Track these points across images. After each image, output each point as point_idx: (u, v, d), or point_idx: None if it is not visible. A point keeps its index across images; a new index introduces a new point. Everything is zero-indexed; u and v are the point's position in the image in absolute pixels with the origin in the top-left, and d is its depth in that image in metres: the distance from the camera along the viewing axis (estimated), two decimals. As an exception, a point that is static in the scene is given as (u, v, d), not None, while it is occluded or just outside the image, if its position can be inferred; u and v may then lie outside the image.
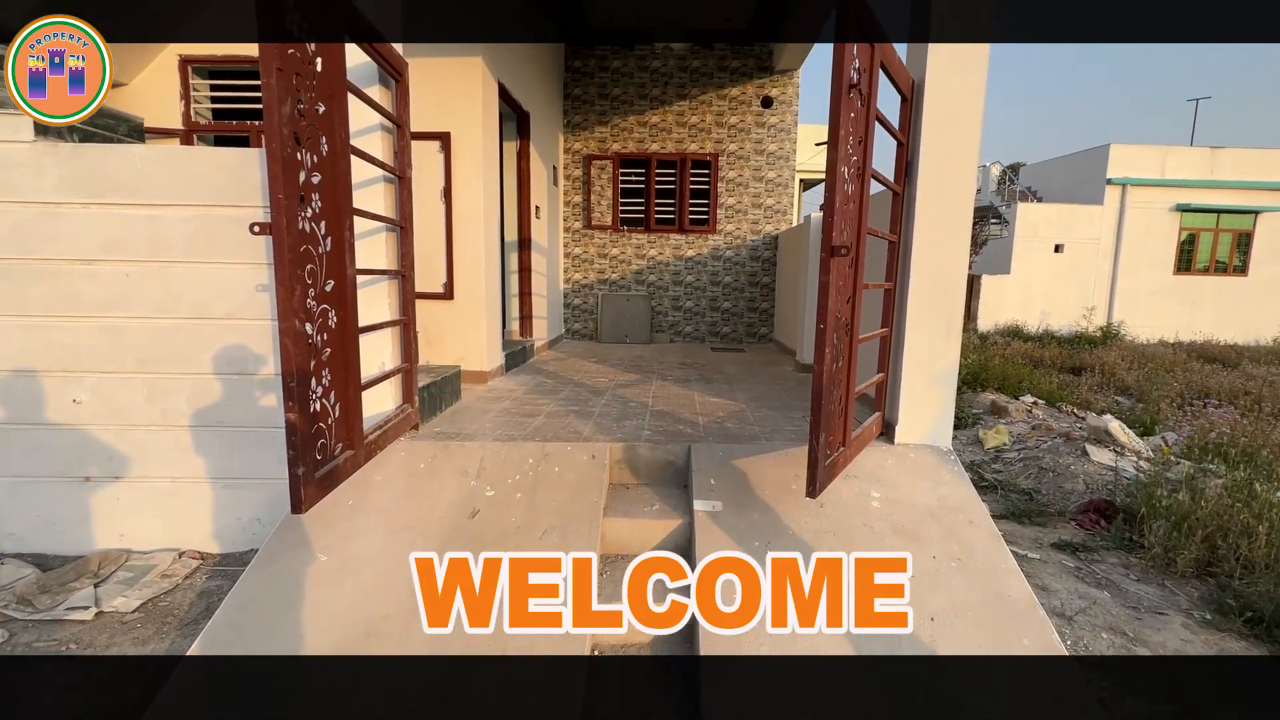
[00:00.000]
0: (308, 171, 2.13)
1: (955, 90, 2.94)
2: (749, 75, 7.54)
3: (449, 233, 4.53)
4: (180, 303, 2.88)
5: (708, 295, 7.96)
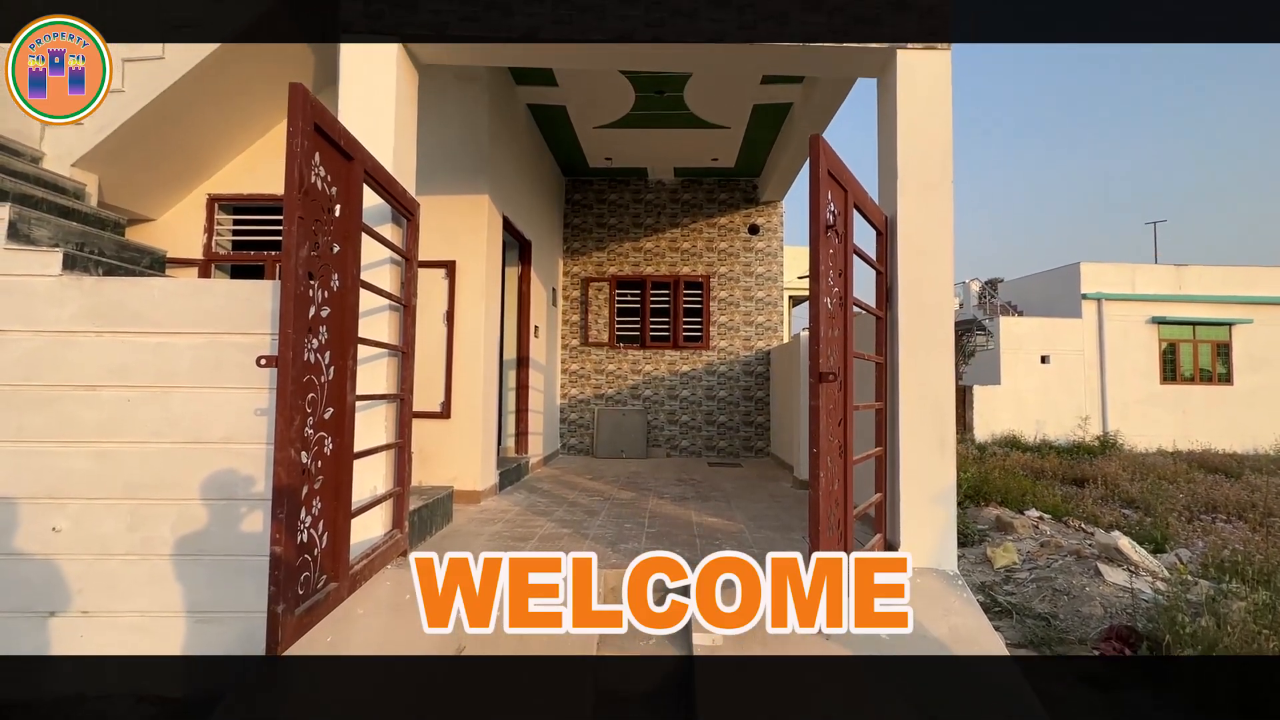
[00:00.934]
0: (318, 306, 2.24)
1: (925, 224, 3.18)
2: (736, 205, 8.13)
3: (449, 354, 4.65)
4: (177, 427, 2.90)
5: (703, 409, 8.02)
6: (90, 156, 4.07)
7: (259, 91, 4.55)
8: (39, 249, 2.94)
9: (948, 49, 3.20)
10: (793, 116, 6.13)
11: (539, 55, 3.39)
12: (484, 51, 3.33)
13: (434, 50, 3.29)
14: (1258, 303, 14.92)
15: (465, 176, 4.76)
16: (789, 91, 5.69)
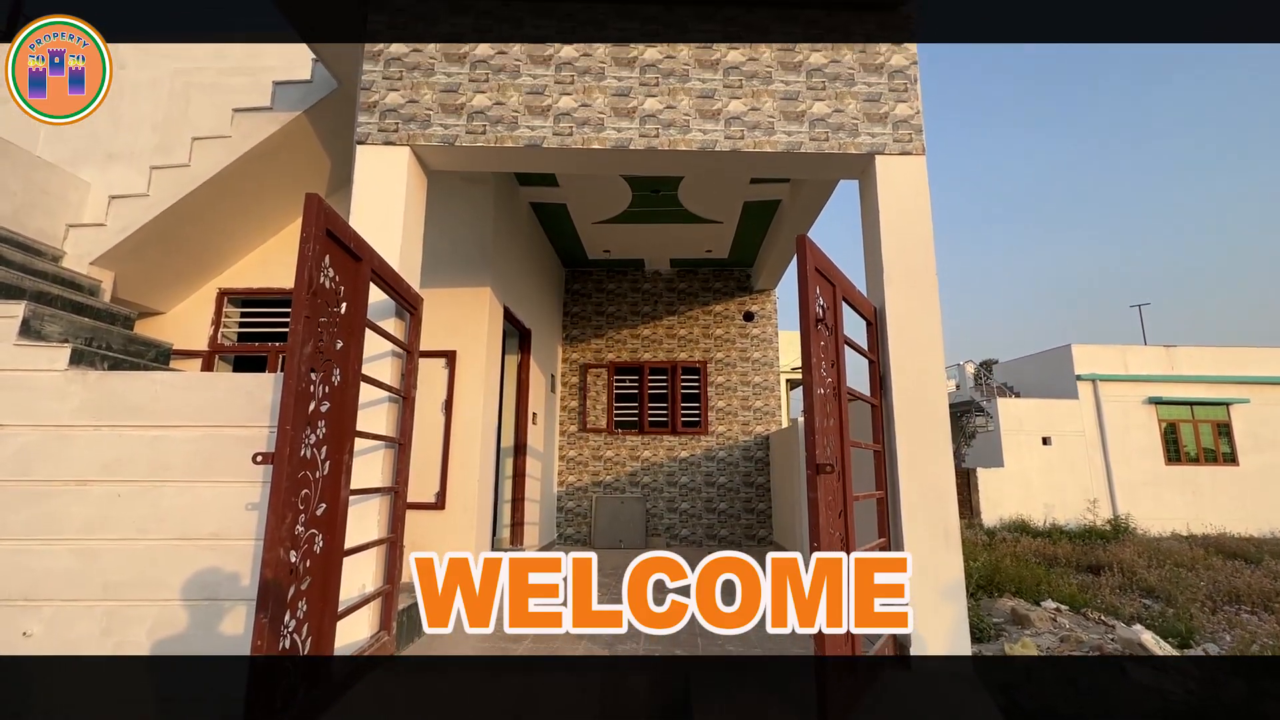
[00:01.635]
0: (318, 401, 2.27)
1: (913, 314, 3.28)
2: (731, 294, 8.38)
3: (446, 443, 4.63)
4: (165, 522, 2.84)
5: (703, 496, 7.87)
6: (109, 255, 4.25)
7: (276, 193, 4.82)
8: (48, 344, 3.00)
9: (922, 156, 3.43)
10: (782, 212, 6.46)
11: (541, 162, 3.63)
12: (490, 159, 3.57)
13: (443, 158, 3.53)
14: (1254, 382, 15.04)
15: (469, 270, 4.94)
16: (777, 190, 6.03)
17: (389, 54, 3.47)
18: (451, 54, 3.48)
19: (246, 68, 4.98)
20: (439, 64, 3.46)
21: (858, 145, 3.44)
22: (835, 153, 3.45)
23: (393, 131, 3.39)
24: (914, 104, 3.51)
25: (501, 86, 3.45)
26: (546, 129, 3.41)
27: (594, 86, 3.48)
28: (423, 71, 3.45)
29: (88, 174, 4.77)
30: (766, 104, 3.49)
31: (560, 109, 3.44)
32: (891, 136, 3.45)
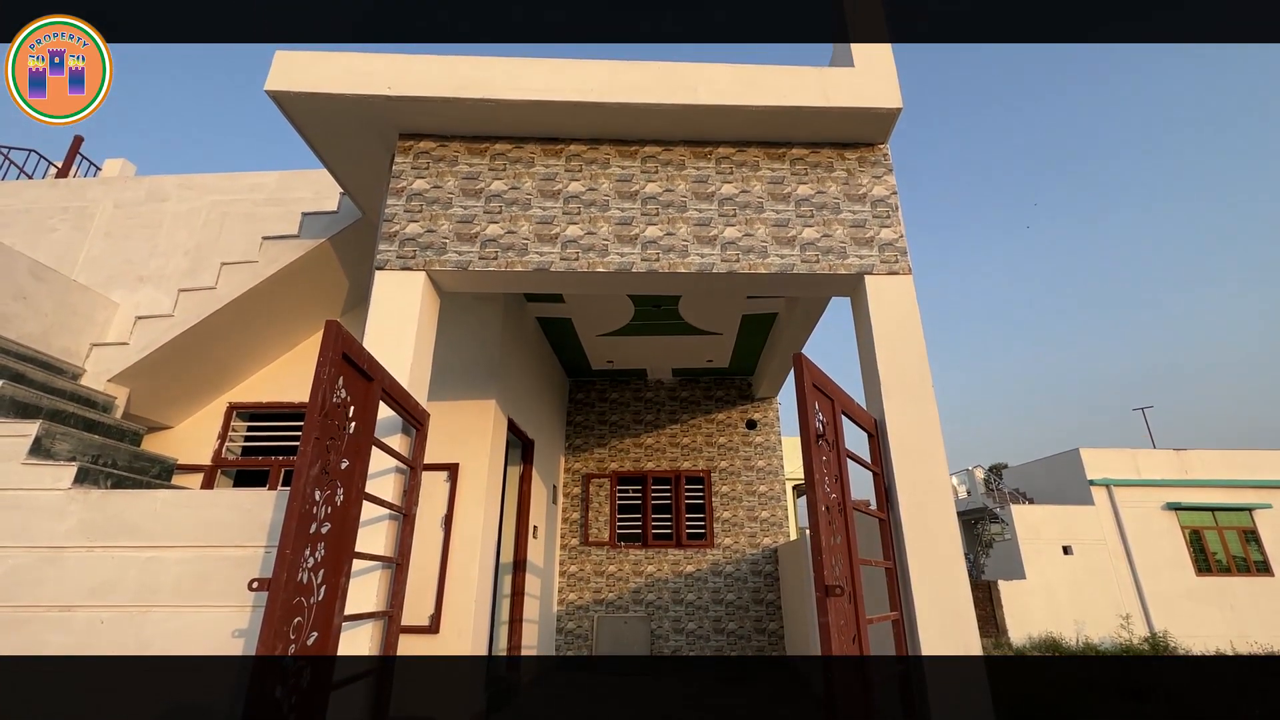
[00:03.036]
0: (319, 522, 2.25)
1: (913, 426, 3.31)
2: (733, 402, 8.46)
3: (444, 561, 4.49)
4: (147, 650, 2.71)
5: (710, 615, 7.46)
6: (127, 372, 4.38)
7: (294, 311, 5.04)
8: (56, 463, 3.02)
9: (908, 275, 3.63)
10: (779, 323, 6.68)
11: (549, 284, 3.83)
12: (500, 281, 3.77)
13: (457, 281, 3.74)
14: (1275, 486, 14.66)
15: (476, 383, 5.05)
16: (774, 304, 6.29)
17: (411, 190, 3.79)
18: (469, 189, 3.79)
19: (279, 199, 5.42)
20: (456, 198, 3.77)
21: (847, 266, 3.65)
22: (826, 273, 3.65)
23: (410, 258, 3.62)
24: (897, 228, 3.76)
25: (514, 218, 3.73)
26: (554, 254, 3.65)
27: (599, 216, 3.76)
28: (441, 205, 3.75)
29: (118, 295, 5.03)
30: (759, 230, 3.74)
31: (568, 236, 3.70)
32: (878, 258, 3.67)
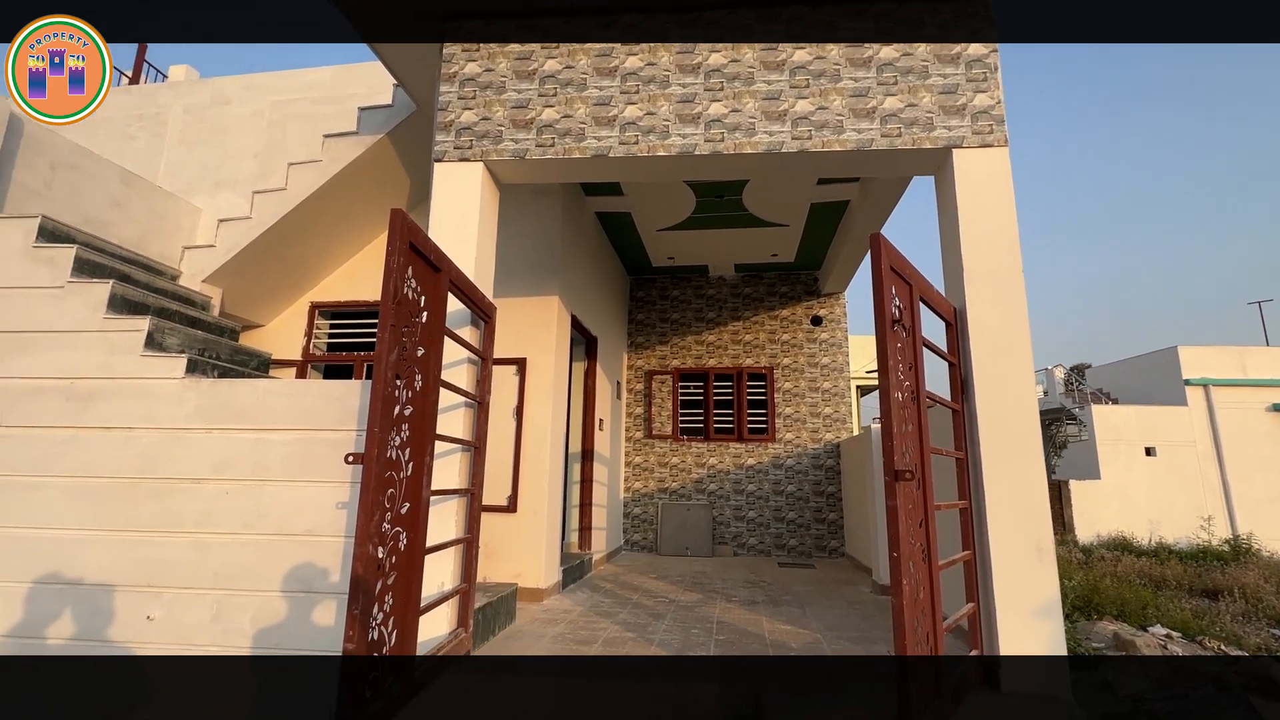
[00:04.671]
0: (402, 405, 2.39)
1: (997, 316, 3.10)
2: (798, 298, 8.21)
3: (518, 448, 4.76)
4: (266, 519, 3.06)
5: (771, 505, 7.71)
6: (218, 273, 4.65)
7: (361, 211, 5.13)
8: (168, 355, 3.31)
9: (1004, 148, 3.25)
10: (850, 213, 6.28)
11: (607, 172, 3.69)
12: (558, 171, 3.66)
13: (514, 171, 3.65)
14: (1401, 387, 13.25)
15: (538, 279, 5.08)
16: (846, 190, 5.87)
17: (463, 75, 3.64)
18: (521, 71, 3.60)
19: (334, 96, 5.36)
20: (510, 81, 3.60)
21: (933, 140, 3.31)
22: (909, 149, 3.32)
23: (467, 148, 3.54)
24: (994, 94, 3.33)
25: (569, 100, 3.54)
26: (613, 138, 3.47)
27: (659, 94, 3.51)
28: (495, 90, 3.59)
29: (199, 200, 5.25)
30: (835, 102, 3.41)
31: (626, 118, 3.50)
32: (970, 129, 3.29)
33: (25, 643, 2.96)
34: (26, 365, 3.26)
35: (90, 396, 3.23)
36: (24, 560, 3.04)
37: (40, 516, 3.08)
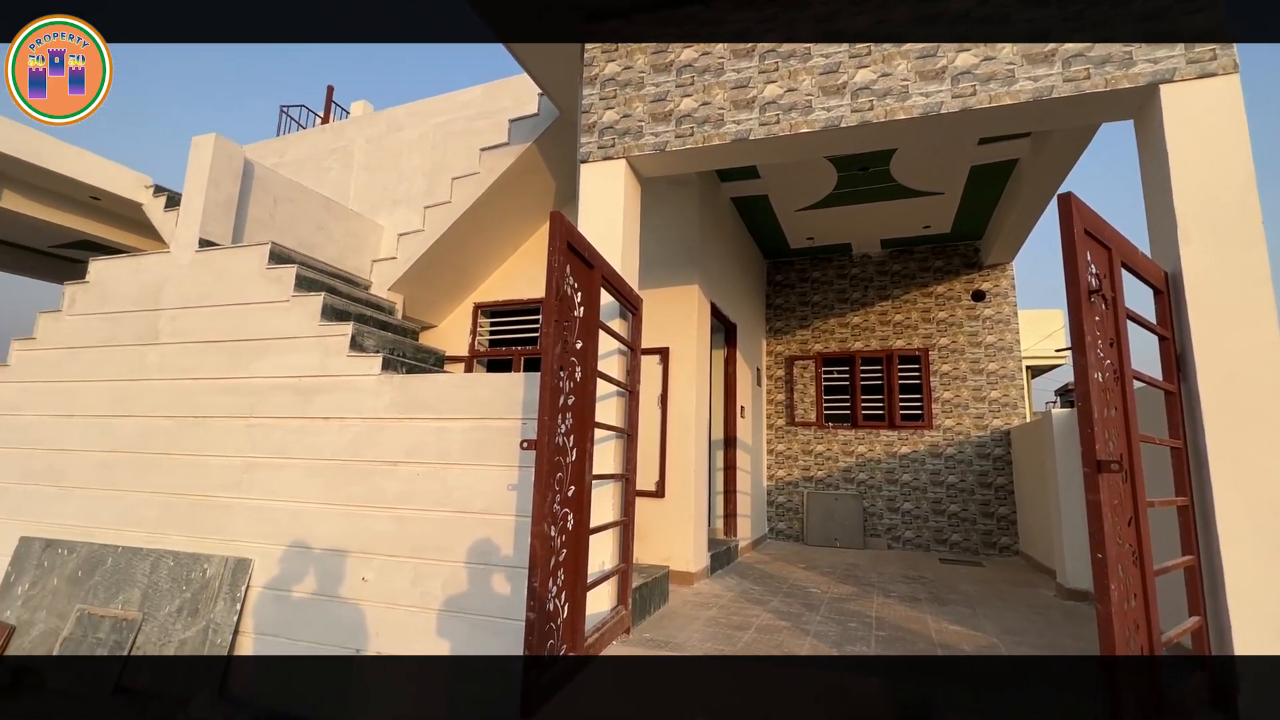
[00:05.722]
0: (565, 395, 2.56)
1: (1224, 278, 2.61)
2: (955, 272, 7.50)
3: (663, 435, 4.89)
4: (450, 499, 3.44)
5: (929, 497, 7.17)
6: (399, 281, 5.28)
7: (514, 216, 5.54)
8: (367, 355, 3.83)
9: (1233, 74, 2.71)
10: (1019, 173, 5.60)
11: (747, 155, 3.63)
12: (698, 159, 3.67)
13: (654, 164, 3.73)
14: None
15: (677, 269, 5.15)
16: (1013, 148, 5.24)
17: (603, 76, 3.77)
18: (659, 64, 3.65)
19: (487, 111, 5.82)
20: (648, 76, 3.67)
21: (1132, 77, 2.84)
22: (1100, 92, 2.88)
23: (610, 147, 3.67)
24: (1214, 11, 2.78)
25: (707, 87, 3.53)
26: (752, 120, 3.41)
27: (799, 69, 3.38)
28: (634, 86, 3.68)
29: (382, 218, 5.98)
30: (1003, 51, 3.05)
31: (766, 98, 3.41)
32: (1184, 59, 2.78)
33: (278, 594, 3.61)
34: (267, 366, 3.95)
35: (312, 391, 3.83)
36: (277, 527, 3.71)
37: (284, 491, 3.73)
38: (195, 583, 3.76)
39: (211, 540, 3.86)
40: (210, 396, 4.06)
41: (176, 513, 3.98)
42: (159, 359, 4.26)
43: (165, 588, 3.81)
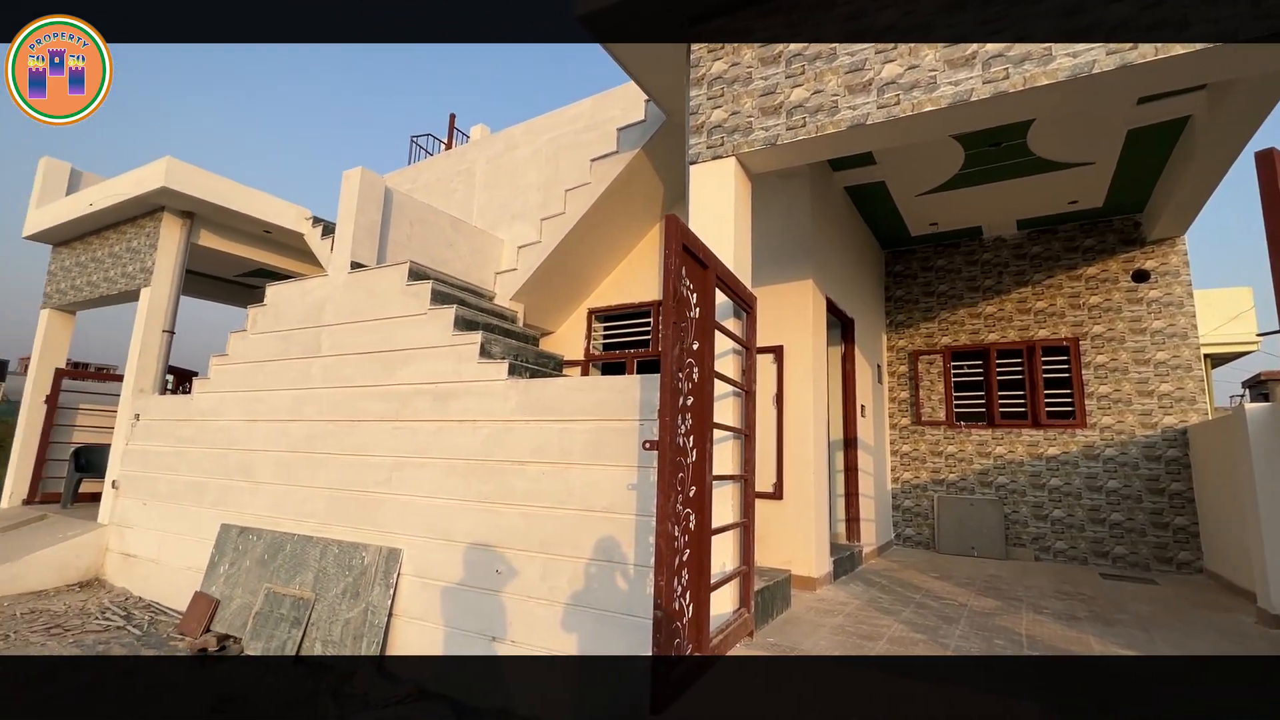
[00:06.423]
0: (683, 396, 2.58)
1: None
2: (1110, 251, 6.66)
3: (779, 435, 4.77)
4: (573, 497, 3.58)
5: (1084, 504, 6.41)
6: (520, 291, 5.59)
7: (623, 222, 5.68)
8: (495, 361, 4.09)
9: None
10: (1192, 133, 4.85)
11: (865, 141, 3.46)
12: (811, 150, 3.55)
13: (765, 159, 3.66)
14: None
15: (790, 264, 5.02)
16: (1185, 104, 4.56)
17: (710, 75, 3.76)
18: (766, 57, 3.58)
19: (595, 123, 6.01)
20: (755, 70, 3.61)
21: (1351, 5, 2.37)
22: (1305, 27, 2.43)
23: (719, 145, 3.65)
24: None
25: (818, 74, 3.41)
26: (869, 104, 3.24)
27: (920, 44, 3.17)
28: (741, 82, 3.64)
29: (502, 232, 6.37)
30: (1171, -7, 2.67)
31: (883, 79, 3.23)
32: None
33: (425, 581, 3.95)
34: (410, 373, 4.34)
35: (448, 396, 4.16)
36: (421, 520, 4.07)
37: (427, 488, 4.08)
38: (356, 569, 4.20)
39: (368, 531, 4.31)
40: (364, 402, 4.53)
41: (339, 506, 4.49)
42: (322, 369, 4.82)
43: (332, 572, 4.30)
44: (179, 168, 6.16)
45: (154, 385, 6.51)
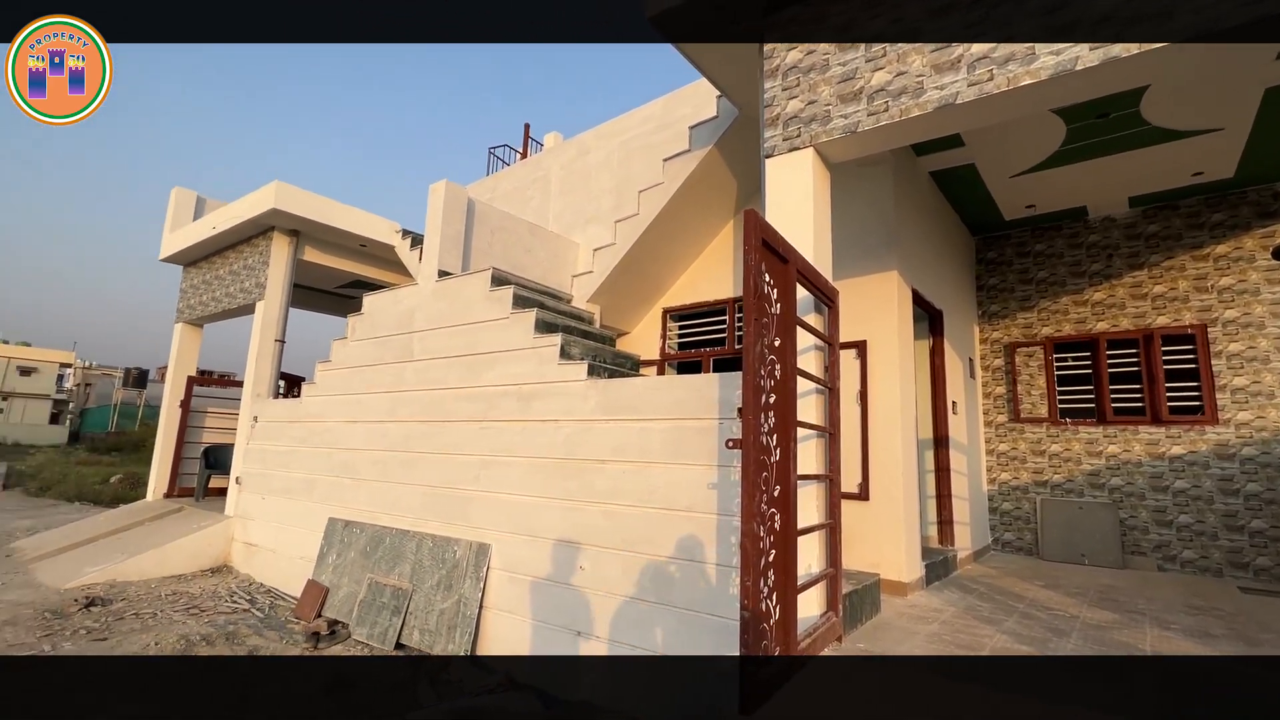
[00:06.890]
0: (766, 393, 2.53)
1: None
2: (1244, 226, 5.95)
3: (864, 434, 4.59)
4: (654, 496, 3.60)
5: (1218, 509, 5.76)
6: (596, 293, 5.69)
7: (696, 220, 5.65)
8: (574, 362, 4.18)
9: None
10: (1347, 85, 4.25)
11: (954, 122, 3.27)
12: (894, 135, 3.40)
13: (844, 148, 3.53)
14: None
15: (873, 255, 4.82)
16: (1335, 55, 4.00)
17: (785, 65, 3.67)
18: (844, 42, 3.46)
19: (667, 123, 6.02)
20: (833, 56, 3.49)
21: None
22: None
23: (795, 137, 3.56)
24: None
25: (901, 55, 3.25)
26: (959, 83, 3.06)
27: (1014, 13, 2.96)
28: (818, 70, 3.53)
29: (577, 236, 6.50)
30: (1321, -69, 2.35)
31: (974, 55, 3.04)
32: None
33: (512, 576, 4.10)
34: (495, 375, 4.51)
35: (531, 397, 4.29)
36: (508, 516, 4.23)
37: (513, 485, 4.23)
38: (449, 562, 4.42)
39: (459, 526, 4.52)
40: (453, 403, 4.76)
41: (433, 502, 4.74)
42: (414, 373, 5.11)
43: (427, 565, 4.54)
44: (286, 190, 6.73)
45: (269, 390, 7.13)
